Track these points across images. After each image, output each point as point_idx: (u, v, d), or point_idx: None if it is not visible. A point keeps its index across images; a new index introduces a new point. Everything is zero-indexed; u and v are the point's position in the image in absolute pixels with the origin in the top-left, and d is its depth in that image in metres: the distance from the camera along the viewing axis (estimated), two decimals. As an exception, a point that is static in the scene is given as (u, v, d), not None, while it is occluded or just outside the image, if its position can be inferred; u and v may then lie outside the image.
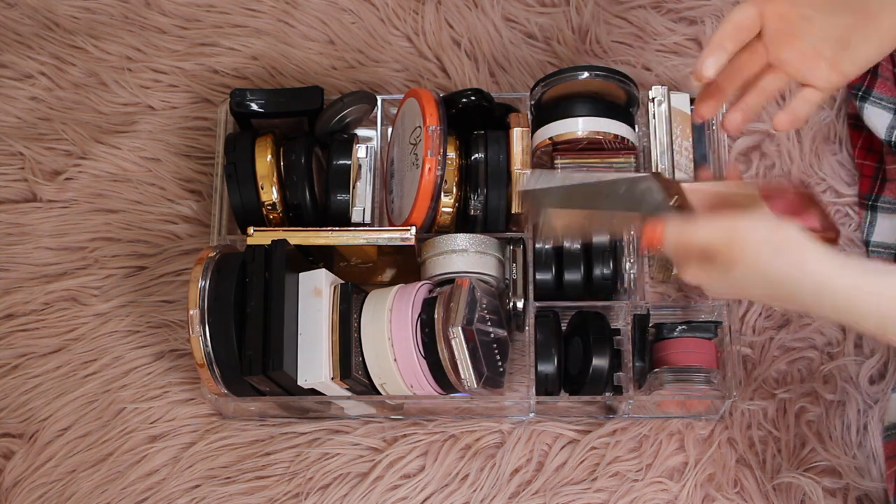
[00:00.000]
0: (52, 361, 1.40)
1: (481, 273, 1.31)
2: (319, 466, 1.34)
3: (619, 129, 1.33)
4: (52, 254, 1.45)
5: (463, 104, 1.34)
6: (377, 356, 1.25)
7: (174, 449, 1.36)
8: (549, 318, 1.31)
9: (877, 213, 1.39)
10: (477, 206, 1.33)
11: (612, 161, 1.34)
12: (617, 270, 1.32)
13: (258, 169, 1.33)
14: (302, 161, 1.33)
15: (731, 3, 1.52)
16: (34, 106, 1.52)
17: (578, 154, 1.35)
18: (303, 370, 1.24)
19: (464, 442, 1.34)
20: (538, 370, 1.29)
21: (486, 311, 1.27)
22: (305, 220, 1.34)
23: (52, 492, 1.35)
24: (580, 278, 1.32)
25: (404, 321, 1.25)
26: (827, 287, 0.98)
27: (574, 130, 1.33)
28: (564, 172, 1.30)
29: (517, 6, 1.54)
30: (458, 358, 1.22)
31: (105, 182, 1.48)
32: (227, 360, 1.23)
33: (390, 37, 1.54)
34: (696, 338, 1.29)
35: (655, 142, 1.33)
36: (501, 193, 1.32)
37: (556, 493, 1.32)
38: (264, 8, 1.55)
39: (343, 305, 1.26)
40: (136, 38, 1.54)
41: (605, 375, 1.28)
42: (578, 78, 1.33)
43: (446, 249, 1.31)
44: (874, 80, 1.39)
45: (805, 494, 1.30)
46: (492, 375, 1.25)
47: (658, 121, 1.33)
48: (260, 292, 1.23)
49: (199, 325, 1.22)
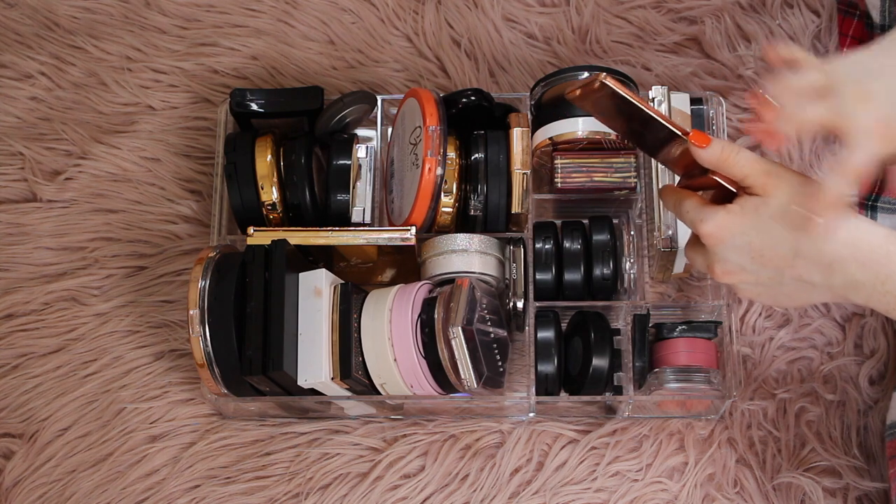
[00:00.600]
0: (52, 361, 1.40)
1: (481, 273, 1.31)
2: (319, 466, 1.34)
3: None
4: (52, 254, 1.45)
5: (463, 104, 1.34)
6: (377, 356, 1.25)
7: (174, 449, 1.36)
8: (549, 318, 1.31)
9: (877, 213, 1.39)
10: (477, 206, 1.33)
11: (612, 161, 1.34)
12: (617, 270, 1.32)
13: (258, 169, 1.33)
14: (302, 161, 1.33)
15: (732, 3, 1.51)
16: (34, 106, 1.52)
17: (578, 154, 1.35)
18: (303, 370, 1.24)
19: (464, 442, 1.34)
20: (538, 370, 1.29)
21: (486, 311, 1.27)
22: (305, 220, 1.34)
23: (52, 492, 1.35)
24: (580, 278, 1.32)
25: (404, 321, 1.25)
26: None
27: (574, 130, 1.33)
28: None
29: (517, 6, 1.54)
30: (458, 358, 1.22)
31: (105, 182, 1.48)
32: (227, 360, 1.23)
33: (390, 37, 1.54)
34: (696, 338, 1.30)
35: None
36: (501, 193, 1.32)
37: (556, 493, 1.32)
38: (264, 8, 1.55)
39: (343, 305, 1.26)
40: (136, 38, 1.54)
41: (605, 375, 1.28)
42: (578, 78, 1.33)
43: (446, 249, 1.31)
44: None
45: (805, 494, 1.30)
46: (492, 375, 1.25)
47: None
48: (260, 292, 1.23)
49: (199, 325, 1.22)
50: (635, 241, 1.37)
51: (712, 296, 1.37)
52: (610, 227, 1.33)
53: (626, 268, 1.34)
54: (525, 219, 1.33)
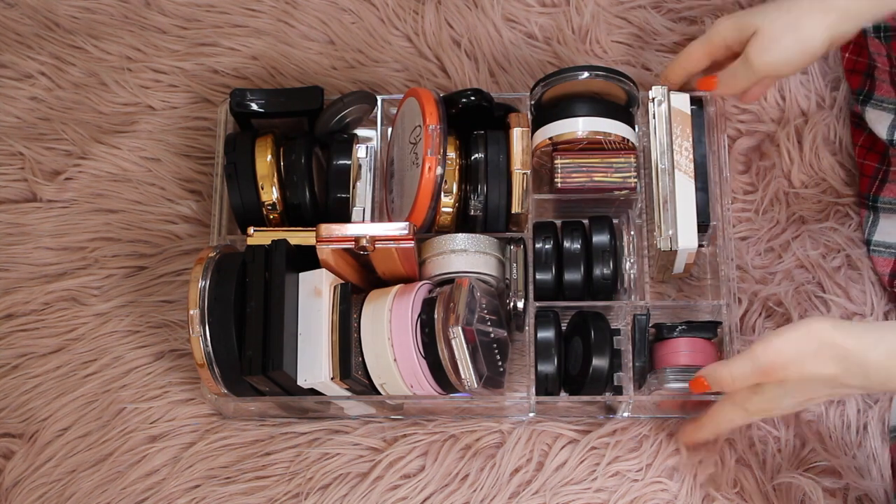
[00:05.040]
0: (52, 361, 1.40)
1: (481, 273, 1.31)
2: (319, 466, 1.34)
3: (619, 129, 1.33)
4: (52, 254, 1.45)
5: (463, 104, 1.34)
6: (377, 356, 1.25)
7: (174, 449, 1.36)
8: (549, 318, 1.31)
9: (878, 213, 1.39)
10: (477, 206, 1.33)
11: (611, 161, 1.35)
12: (617, 270, 1.32)
13: (258, 169, 1.33)
14: (302, 161, 1.33)
15: (732, 3, 1.52)
16: (34, 106, 1.52)
17: (578, 154, 1.35)
18: (302, 370, 1.24)
19: (464, 442, 1.34)
20: (538, 370, 1.29)
21: (485, 311, 1.27)
22: (305, 219, 1.34)
23: (52, 492, 1.35)
24: (580, 278, 1.32)
25: (404, 321, 1.25)
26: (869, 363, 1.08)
27: (574, 130, 1.33)
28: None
29: (517, 6, 1.54)
30: (459, 358, 1.22)
31: (105, 182, 1.48)
32: (227, 360, 1.23)
33: (390, 37, 1.54)
34: (696, 338, 1.30)
35: (655, 142, 1.33)
36: (501, 193, 1.32)
37: (556, 493, 1.32)
38: (264, 8, 1.55)
39: (343, 305, 1.26)
40: (136, 38, 1.54)
41: (605, 375, 1.28)
42: (578, 78, 1.33)
43: (446, 249, 1.31)
44: (873, 83, 1.39)
45: (805, 494, 1.30)
46: (492, 375, 1.25)
47: (658, 121, 1.33)
48: (260, 292, 1.23)
49: (200, 325, 1.22)
50: (635, 241, 1.37)
51: (712, 296, 1.37)
52: (610, 227, 1.33)
53: (626, 268, 1.34)
54: (525, 219, 1.33)
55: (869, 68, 1.41)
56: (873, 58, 1.41)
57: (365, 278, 1.32)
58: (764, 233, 1.42)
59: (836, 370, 1.09)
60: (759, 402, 1.16)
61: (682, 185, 1.31)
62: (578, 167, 1.35)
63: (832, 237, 1.40)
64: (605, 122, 1.33)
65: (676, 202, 1.30)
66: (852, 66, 1.43)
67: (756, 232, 1.42)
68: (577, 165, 1.35)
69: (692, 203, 1.31)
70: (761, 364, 1.12)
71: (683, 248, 1.30)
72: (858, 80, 1.42)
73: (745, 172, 1.44)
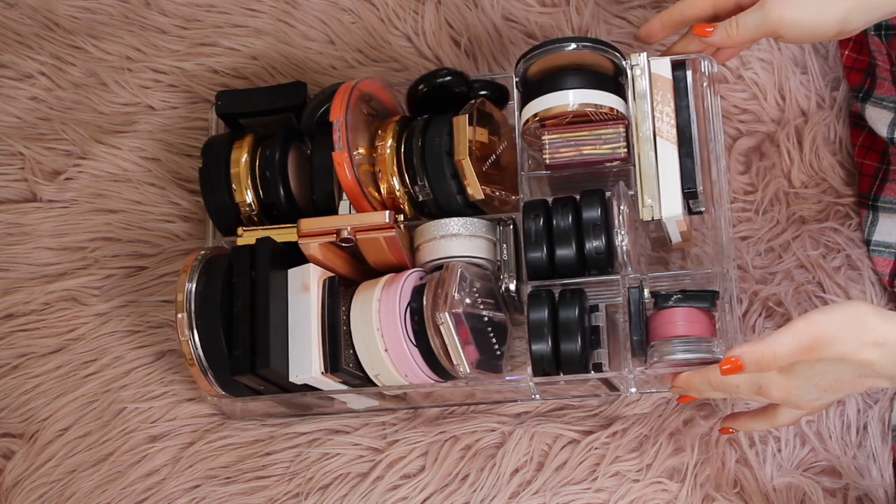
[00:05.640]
0: (52, 361, 1.40)
1: (475, 257, 1.29)
2: (319, 466, 1.34)
3: (610, 100, 1.29)
4: (52, 254, 1.45)
5: (431, 86, 1.32)
6: (367, 347, 1.25)
7: (174, 449, 1.36)
8: (541, 297, 1.26)
9: (878, 213, 1.39)
10: (421, 193, 1.30)
11: (600, 132, 1.30)
12: (610, 244, 1.27)
13: (232, 170, 1.32)
14: (276, 157, 1.32)
15: (732, 3, 1.52)
16: (34, 106, 1.52)
17: (566, 128, 1.30)
18: (294, 366, 1.23)
19: (464, 442, 1.34)
20: (532, 350, 1.25)
21: (478, 295, 1.26)
22: (283, 217, 1.32)
23: (52, 492, 1.35)
24: (573, 254, 1.28)
25: (392, 310, 1.24)
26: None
27: (563, 104, 1.29)
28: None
29: (517, 6, 1.54)
30: (449, 343, 1.21)
31: (105, 182, 1.48)
32: (218, 362, 1.23)
33: (390, 37, 1.54)
34: (692, 307, 1.25)
35: (635, 108, 1.29)
36: (444, 177, 1.28)
37: (556, 493, 1.32)
38: (264, 8, 1.55)
39: (330, 299, 1.25)
40: (136, 38, 1.54)
41: (578, 356, 1.24)
42: (564, 50, 1.29)
43: (437, 235, 1.29)
44: (873, 81, 1.39)
45: (805, 494, 1.30)
46: (487, 359, 1.24)
47: (636, 87, 1.29)
48: (246, 291, 1.23)
49: (188, 329, 1.22)
50: (625, 213, 1.29)
51: (708, 264, 1.35)
52: (601, 200, 1.28)
53: (618, 241, 1.27)
54: (499, 202, 1.30)
55: (869, 66, 1.41)
56: (873, 56, 1.41)
57: (359, 270, 1.32)
58: (764, 233, 1.42)
59: (873, 357, 1.05)
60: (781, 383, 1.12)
61: (664, 152, 1.27)
62: (566, 141, 1.30)
63: (832, 237, 1.40)
64: (595, 94, 1.29)
65: (658, 170, 1.27)
66: (852, 63, 1.43)
67: (756, 232, 1.42)
68: (564, 140, 1.30)
69: (675, 170, 1.27)
70: (804, 340, 1.07)
71: (668, 216, 1.26)
72: (858, 77, 1.42)
73: (745, 172, 1.44)
